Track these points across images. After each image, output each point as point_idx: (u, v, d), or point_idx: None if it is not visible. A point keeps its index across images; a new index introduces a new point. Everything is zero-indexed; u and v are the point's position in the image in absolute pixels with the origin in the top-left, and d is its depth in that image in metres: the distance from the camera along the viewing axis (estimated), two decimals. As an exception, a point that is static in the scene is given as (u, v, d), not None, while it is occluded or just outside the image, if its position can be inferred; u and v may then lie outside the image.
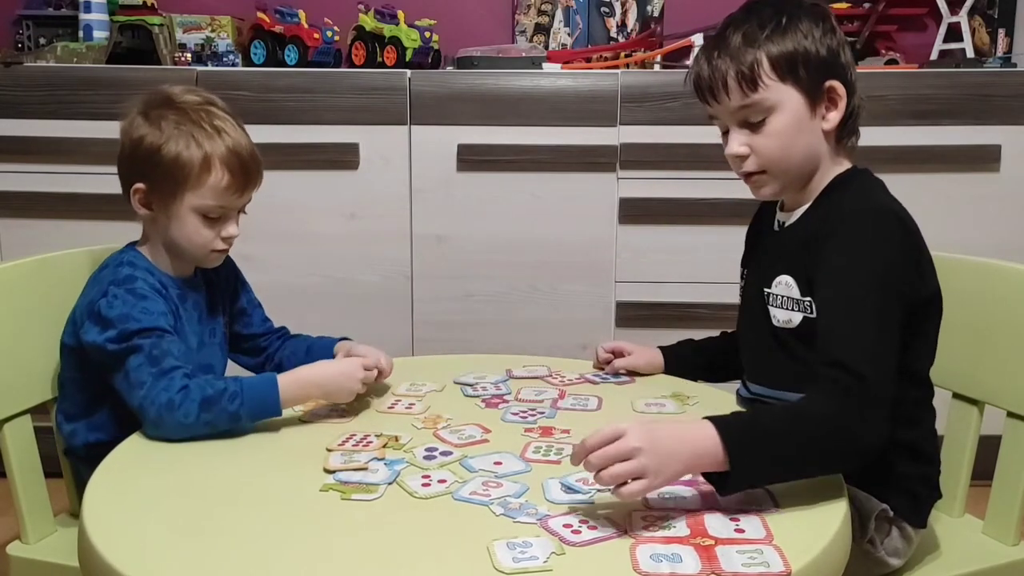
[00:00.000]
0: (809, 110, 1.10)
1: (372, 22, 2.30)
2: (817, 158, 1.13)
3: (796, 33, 1.08)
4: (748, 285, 1.24)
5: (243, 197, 1.26)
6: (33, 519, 1.21)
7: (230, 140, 1.22)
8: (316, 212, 2.15)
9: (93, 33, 2.34)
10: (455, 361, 1.42)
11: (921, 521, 1.13)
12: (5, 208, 2.14)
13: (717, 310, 2.09)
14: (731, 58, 1.09)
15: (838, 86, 1.10)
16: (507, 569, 0.76)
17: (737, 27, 1.10)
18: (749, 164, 1.12)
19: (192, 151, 1.20)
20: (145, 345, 1.13)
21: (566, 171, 2.13)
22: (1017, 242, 2.04)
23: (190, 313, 1.28)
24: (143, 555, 0.80)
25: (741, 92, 1.09)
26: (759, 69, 1.08)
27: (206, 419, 1.07)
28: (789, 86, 1.08)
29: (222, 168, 1.21)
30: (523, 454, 1.03)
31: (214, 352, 1.34)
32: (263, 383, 1.11)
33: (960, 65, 2.24)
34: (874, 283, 1.00)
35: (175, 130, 1.21)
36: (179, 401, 1.06)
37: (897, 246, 1.03)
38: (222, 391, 1.08)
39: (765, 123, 1.09)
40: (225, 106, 1.27)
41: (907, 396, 1.08)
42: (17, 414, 1.21)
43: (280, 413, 1.11)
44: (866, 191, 1.11)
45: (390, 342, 2.11)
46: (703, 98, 1.14)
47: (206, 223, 1.23)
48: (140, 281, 1.20)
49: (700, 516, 0.86)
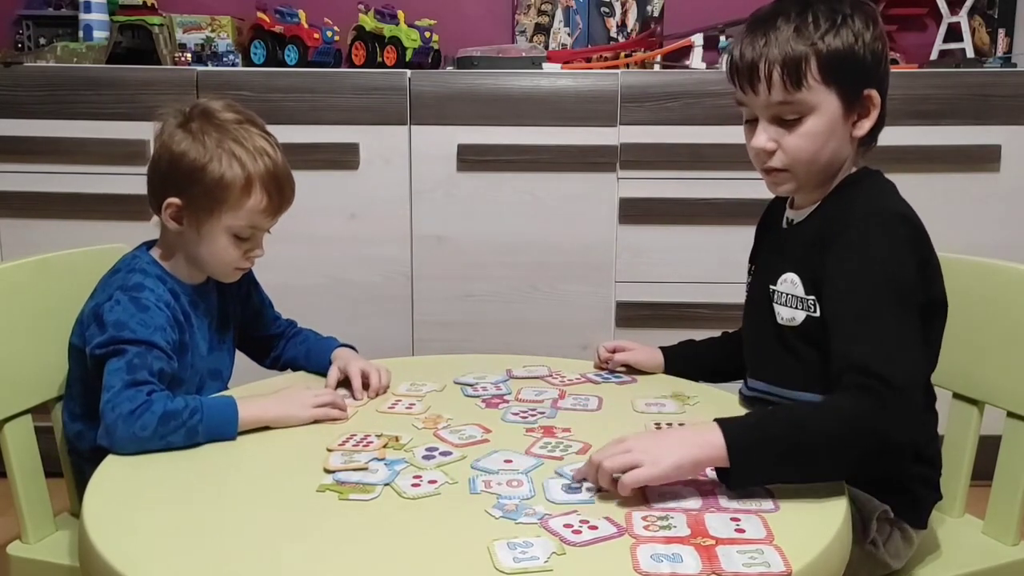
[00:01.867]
0: (844, 116, 1.07)
1: (372, 22, 2.30)
2: (840, 163, 1.11)
3: (849, 34, 1.04)
4: (754, 281, 1.23)
5: (275, 218, 1.26)
6: (33, 519, 1.21)
7: (270, 162, 1.21)
8: (316, 212, 2.14)
9: (93, 33, 2.35)
10: (455, 361, 1.42)
11: (922, 522, 1.13)
12: (5, 208, 2.14)
13: (717, 310, 2.09)
14: (779, 50, 1.04)
15: (875, 95, 1.08)
16: (508, 569, 0.76)
17: (790, 17, 1.05)
18: (775, 161, 1.09)
19: (235, 172, 1.19)
20: (129, 351, 1.13)
21: (566, 171, 2.13)
22: (1017, 242, 2.04)
23: (201, 319, 1.28)
24: (143, 555, 0.80)
25: (783, 88, 1.05)
26: (807, 67, 1.04)
27: (162, 432, 1.05)
28: (831, 90, 1.05)
29: (262, 191, 1.20)
30: (528, 450, 1.03)
31: (223, 357, 1.34)
32: (225, 408, 1.10)
33: (960, 65, 2.24)
34: (887, 286, 0.99)
35: (218, 149, 1.19)
36: (140, 413, 1.06)
37: (907, 250, 1.02)
38: (183, 407, 1.07)
39: (799, 123, 1.06)
40: (263, 124, 1.26)
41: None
42: (17, 414, 1.21)
43: (235, 437, 1.09)
44: (877, 193, 1.10)
45: (390, 342, 2.14)
46: (739, 84, 1.09)
47: (235, 243, 1.23)
48: (148, 291, 1.19)
49: (701, 516, 0.86)
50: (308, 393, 1.17)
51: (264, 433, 1.10)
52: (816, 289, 1.08)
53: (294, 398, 1.16)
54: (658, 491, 0.90)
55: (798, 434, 0.92)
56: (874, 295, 0.99)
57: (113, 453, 1.04)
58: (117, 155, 2.09)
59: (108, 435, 1.06)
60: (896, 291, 0.99)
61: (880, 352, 0.95)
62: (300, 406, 1.14)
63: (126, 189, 2.04)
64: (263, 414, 1.12)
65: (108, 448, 1.05)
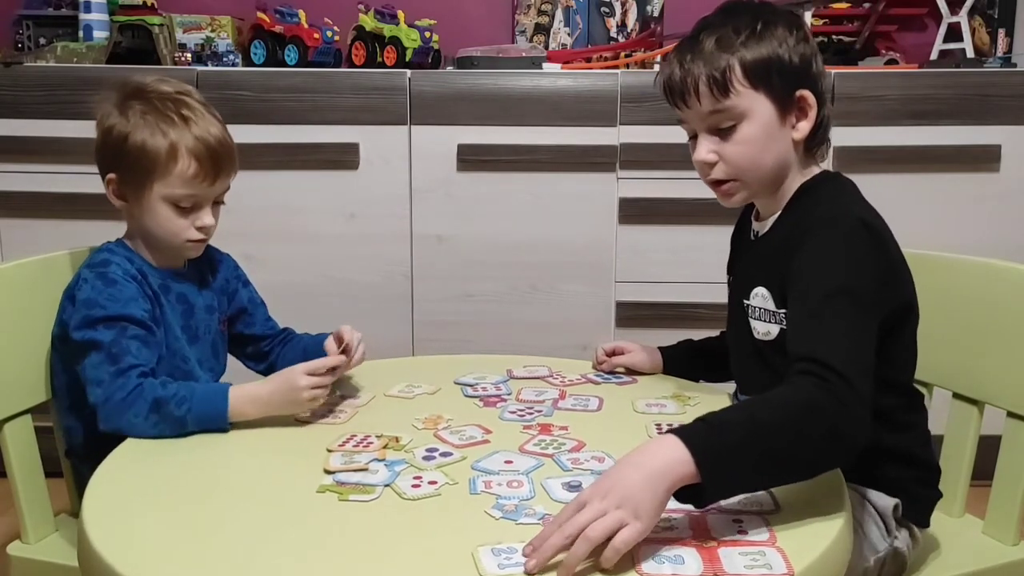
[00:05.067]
0: (779, 119, 1.08)
1: (372, 22, 2.30)
2: (786, 167, 1.12)
3: (771, 40, 1.07)
4: (731, 294, 1.24)
5: (214, 186, 1.24)
6: (33, 519, 1.21)
7: (197, 129, 1.21)
8: (316, 212, 2.15)
9: (93, 33, 2.35)
10: (455, 361, 1.42)
11: (925, 521, 1.13)
12: (5, 208, 2.14)
13: (717, 310, 2.05)
14: (704, 62, 1.07)
15: (809, 96, 1.09)
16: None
17: (711, 31, 1.08)
18: (717, 172, 1.11)
19: (157, 140, 1.20)
20: (105, 341, 1.13)
21: (566, 171, 2.13)
22: (1017, 242, 2.04)
23: (173, 305, 1.28)
24: (143, 555, 0.80)
25: (712, 97, 1.07)
26: (731, 75, 1.06)
27: (154, 420, 1.07)
28: (760, 94, 1.07)
29: (189, 157, 1.20)
30: (522, 448, 1.04)
31: (204, 349, 1.33)
32: (214, 395, 1.10)
33: (960, 65, 2.24)
34: (841, 289, 0.98)
35: (140, 120, 1.21)
36: (132, 400, 1.08)
37: (864, 254, 1.01)
38: (172, 395, 1.08)
39: (735, 130, 1.08)
40: (200, 97, 1.26)
41: (893, 404, 1.08)
42: (17, 414, 1.21)
43: (227, 426, 1.09)
44: (834, 197, 1.10)
45: (390, 342, 2.14)
46: (673, 102, 1.12)
47: (178, 212, 1.23)
48: (114, 266, 1.20)
49: (703, 517, 0.86)
50: (290, 374, 1.12)
51: (265, 434, 1.10)
52: (785, 301, 1.07)
53: (281, 386, 1.12)
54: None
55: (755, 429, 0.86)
56: (826, 297, 0.98)
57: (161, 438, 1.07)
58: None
59: (109, 423, 1.10)
60: (849, 294, 0.97)
61: (825, 343, 0.93)
62: (290, 389, 1.11)
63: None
64: (256, 408, 1.11)
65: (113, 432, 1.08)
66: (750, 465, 0.85)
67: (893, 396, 1.08)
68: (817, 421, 0.87)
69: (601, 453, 1.02)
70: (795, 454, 0.87)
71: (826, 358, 0.90)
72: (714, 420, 0.87)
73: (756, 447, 0.85)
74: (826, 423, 0.87)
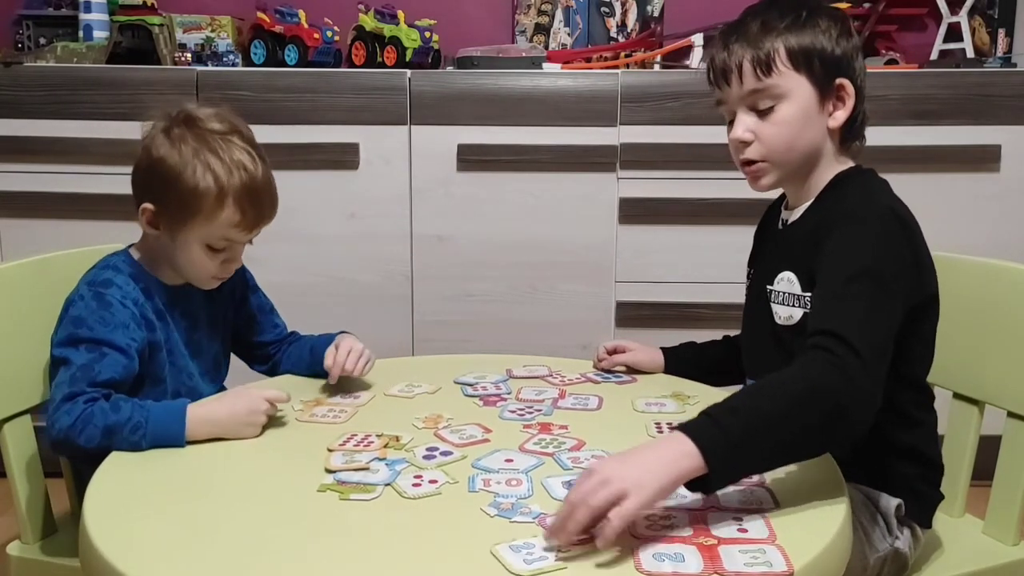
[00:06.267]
0: (818, 104, 1.11)
1: (372, 22, 2.30)
2: (819, 154, 1.13)
3: (815, 29, 1.10)
4: (752, 283, 1.25)
5: (251, 233, 1.24)
6: (33, 519, 1.21)
7: (247, 176, 1.19)
8: (316, 212, 2.15)
9: (93, 33, 2.35)
10: (455, 361, 1.42)
11: (927, 522, 1.13)
12: (5, 208, 2.14)
13: (718, 310, 2.09)
14: (748, 44, 1.10)
15: (848, 85, 1.11)
16: (523, 571, 0.75)
17: (757, 16, 1.12)
18: (752, 151, 1.12)
19: (208, 183, 1.17)
20: (76, 363, 1.11)
21: (566, 171, 2.13)
22: (1017, 242, 2.04)
23: (178, 321, 1.27)
24: (143, 555, 0.80)
25: (755, 76, 1.10)
26: (775, 56, 1.09)
27: (106, 445, 1.05)
28: (802, 77, 1.09)
29: (235, 205, 1.18)
30: (522, 447, 1.04)
31: (207, 361, 1.32)
32: (170, 416, 1.07)
33: (960, 65, 2.24)
34: (867, 273, 0.99)
35: (194, 158, 1.18)
36: (80, 427, 1.06)
37: (895, 245, 1.03)
38: (126, 420, 1.06)
39: (773, 111, 1.10)
40: (251, 137, 1.24)
41: (906, 399, 1.08)
42: (17, 414, 1.21)
43: (183, 445, 1.07)
44: (868, 190, 1.12)
45: (390, 342, 2.14)
46: (715, 82, 1.15)
47: (210, 253, 1.22)
48: (115, 288, 1.19)
49: (703, 515, 0.86)
50: (250, 401, 1.10)
51: (264, 434, 1.10)
52: (812, 286, 1.08)
53: (240, 412, 1.09)
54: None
55: (762, 403, 0.89)
56: (850, 278, 0.99)
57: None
58: (117, 155, 2.07)
59: (57, 448, 1.08)
60: (873, 276, 0.99)
61: (843, 319, 0.95)
62: (248, 414, 1.09)
63: (126, 189, 1.99)
64: (211, 429, 1.07)
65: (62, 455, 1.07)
66: (756, 453, 0.88)
67: (907, 391, 1.09)
68: (821, 401, 0.89)
69: (601, 452, 1.02)
70: (800, 438, 0.90)
71: (842, 331, 0.92)
72: (719, 413, 0.88)
73: (761, 436, 0.88)
74: (830, 401, 0.89)
